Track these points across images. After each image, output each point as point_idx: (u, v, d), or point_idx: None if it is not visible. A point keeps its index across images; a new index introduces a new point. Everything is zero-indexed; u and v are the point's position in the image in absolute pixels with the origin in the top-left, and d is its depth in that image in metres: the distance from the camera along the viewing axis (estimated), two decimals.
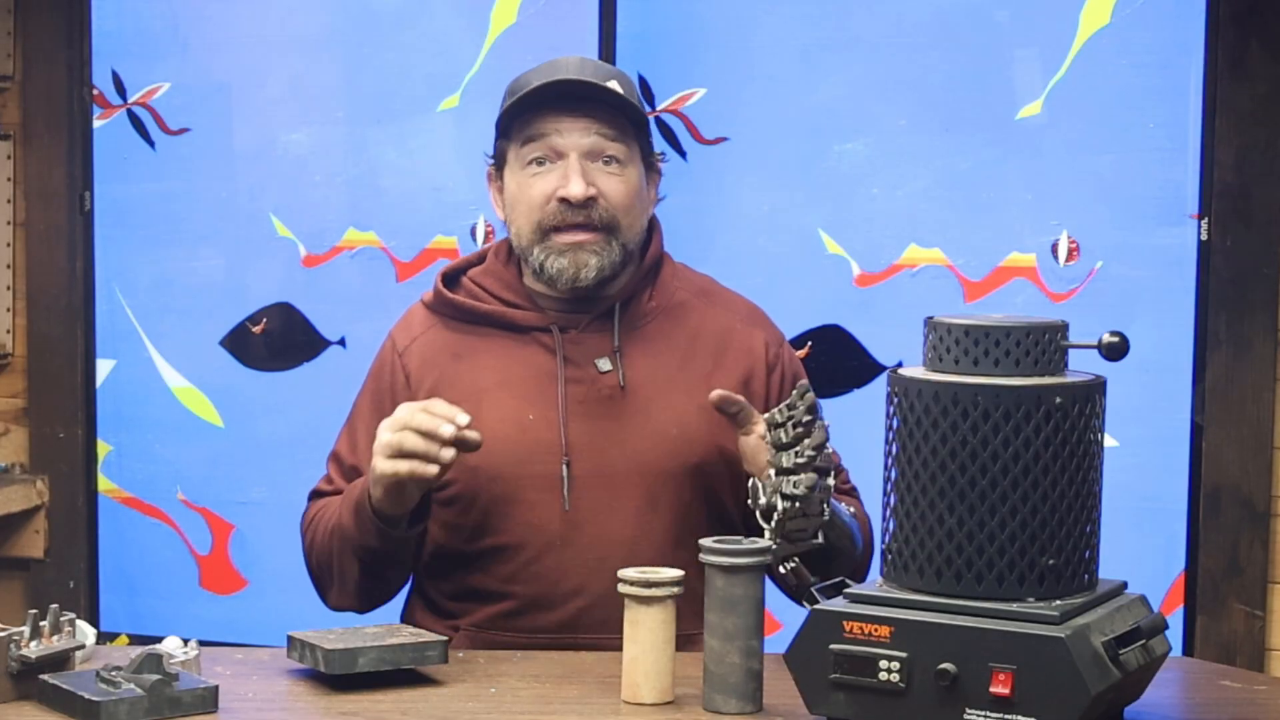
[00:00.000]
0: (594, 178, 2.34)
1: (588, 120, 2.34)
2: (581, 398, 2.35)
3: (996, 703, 1.75)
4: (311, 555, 2.39)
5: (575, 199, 2.32)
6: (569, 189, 2.32)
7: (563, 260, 2.33)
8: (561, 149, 2.34)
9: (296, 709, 1.97)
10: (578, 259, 2.33)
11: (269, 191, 3.88)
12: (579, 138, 2.34)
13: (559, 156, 2.34)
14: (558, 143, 2.34)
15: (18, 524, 4.01)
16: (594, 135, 2.34)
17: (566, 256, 2.33)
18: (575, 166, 2.33)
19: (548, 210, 2.34)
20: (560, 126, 2.34)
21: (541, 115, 2.35)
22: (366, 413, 2.43)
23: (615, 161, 2.35)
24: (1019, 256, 3.49)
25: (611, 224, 2.34)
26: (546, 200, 2.34)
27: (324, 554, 2.35)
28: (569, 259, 2.33)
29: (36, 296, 4.02)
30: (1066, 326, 1.86)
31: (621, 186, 2.35)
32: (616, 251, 2.35)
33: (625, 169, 2.36)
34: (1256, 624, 3.46)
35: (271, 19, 3.86)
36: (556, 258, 2.34)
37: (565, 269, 2.33)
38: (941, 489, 1.81)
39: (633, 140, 2.38)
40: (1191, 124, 3.42)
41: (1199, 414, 3.46)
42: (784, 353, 2.46)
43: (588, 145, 2.34)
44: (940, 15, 3.51)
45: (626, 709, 1.96)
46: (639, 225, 2.39)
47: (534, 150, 2.35)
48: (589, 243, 2.33)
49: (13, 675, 1.94)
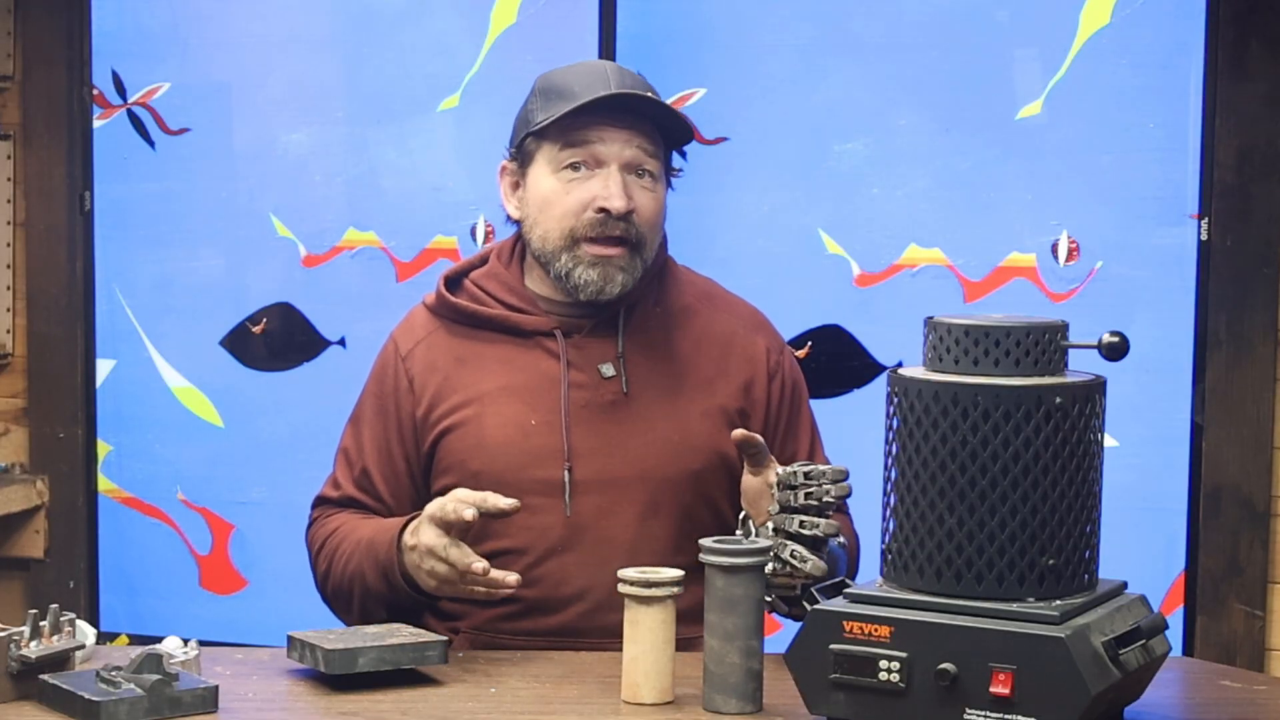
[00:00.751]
0: (631, 191, 2.32)
1: (630, 132, 2.32)
2: (584, 403, 2.34)
3: (996, 703, 1.75)
4: (327, 582, 2.38)
5: (618, 212, 2.30)
6: (612, 201, 2.30)
7: (592, 273, 2.32)
8: (603, 158, 2.32)
9: (296, 709, 1.97)
10: (606, 273, 2.32)
11: (269, 191, 3.88)
12: (621, 148, 2.32)
13: (598, 165, 2.32)
14: (600, 151, 2.32)
15: (18, 524, 4.01)
16: (635, 148, 2.32)
17: (596, 269, 2.31)
18: (617, 178, 2.31)
19: (584, 219, 2.31)
20: (605, 135, 2.32)
21: (586, 121, 2.32)
22: (372, 417, 2.43)
23: (649, 176, 2.35)
24: (1019, 256, 3.49)
25: (640, 240, 2.33)
26: (583, 208, 2.31)
27: (343, 592, 2.35)
28: (598, 272, 2.31)
29: (36, 296, 4.02)
30: (1066, 326, 1.86)
31: (653, 203, 2.35)
32: (639, 267, 2.34)
33: (656, 185, 2.36)
34: (1256, 624, 3.46)
35: (271, 19, 3.86)
36: (586, 269, 2.32)
37: (593, 281, 2.32)
38: (941, 489, 1.81)
39: (662, 156, 2.38)
40: (1191, 124, 3.42)
41: (1199, 414, 3.46)
42: (785, 359, 2.46)
43: (629, 157, 2.32)
44: (940, 15, 3.51)
45: (626, 709, 1.96)
46: (657, 242, 2.39)
47: (574, 155, 2.33)
48: (618, 258, 2.32)
49: (13, 675, 1.94)
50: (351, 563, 2.32)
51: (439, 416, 2.36)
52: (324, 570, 2.38)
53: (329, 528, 2.40)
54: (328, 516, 2.42)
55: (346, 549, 2.34)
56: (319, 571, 2.40)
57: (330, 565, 2.36)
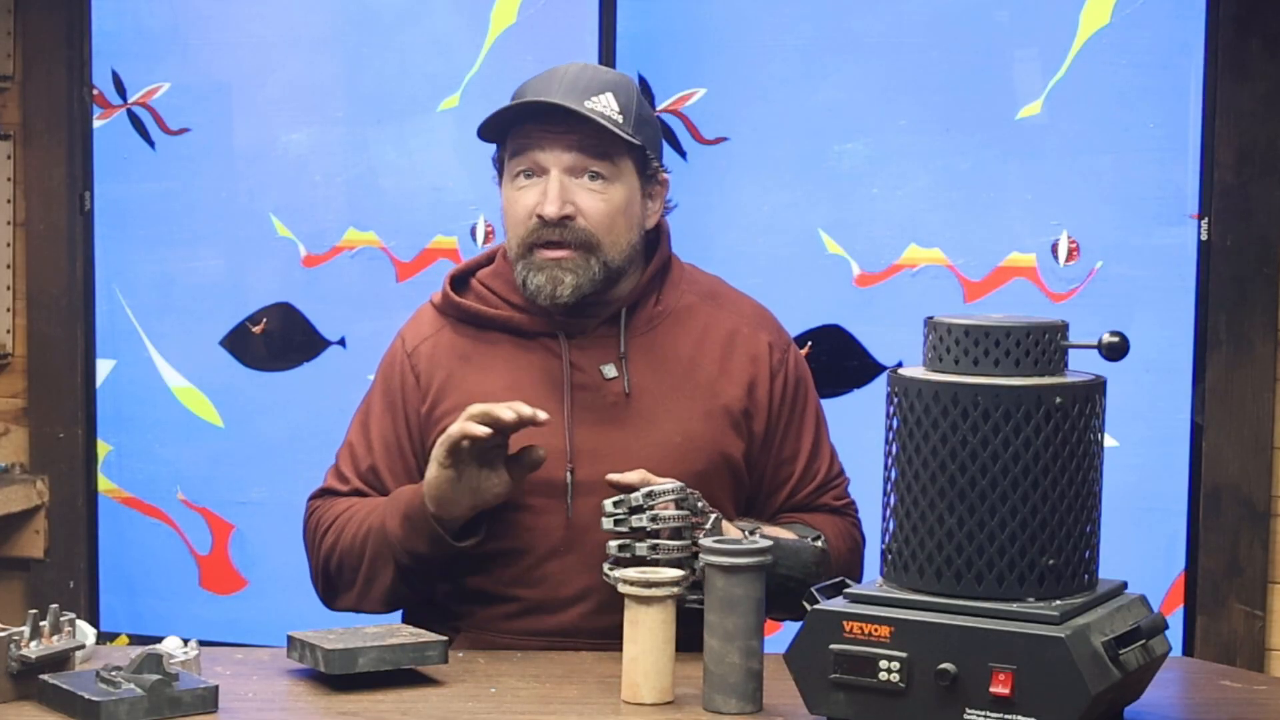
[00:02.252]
0: (574, 195, 2.32)
1: (570, 136, 2.32)
2: (587, 404, 2.34)
3: (996, 703, 1.75)
4: (332, 555, 2.36)
5: (549, 218, 2.31)
6: (544, 207, 2.31)
7: (540, 277, 2.33)
8: (544, 164, 2.33)
9: (296, 709, 1.97)
10: (554, 276, 2.32)
11: (269, 191, 3.88)
12: (560, 153, 2.32)
13: (542, 172, 2.33)
14: (540, 158, 2.33)
15: (18, 524, 4.01)
16: (574, 152, 2.32)
17: (544, 273, 2.32)
18: (555, 184, 2.32)
19: (528, 226, 2.33)
20: (544, 142, 2.33)
21: (526, 129, 2.34)
22: (380, 412, 2.43)
23: (600, 178, 2.34)
24: (1019, 256, 3.49)
25: (589, 242, 2.32)
26: (528, 216, 2.33)
27: (350, 556, 2.34)
28: (545, 275, 2.32)
29: (36, 296, 4.02)
30: (1066, 326, 1.86)
31: (602, 204, 2.33)
32: (596, 269, 2.33)
33: (610, 185, 2.34)
34: (1256, 624, 3.46)
35: (271, 19, 3.86)
36: (535, 274, 2.33)
37: (543, 286, 2.32)
38: (941, 489, 1.81)
39: (624, 155, 2.35)
40: (1191, 124, 3.42)
41: (1199, 414, 3.46)
42: (789, 357, 2.45)
43: (569, 162, 2.32)
44: (940, 15, 3.51)
45: (626, 709, 1.96)
46: (624, 242, 2.36)
47: (520, 164, 2.35)
48: (566, 260, 2.32)
49: (13, 675, 1.94)
50: (366, 523, 2.32)
51: (442, 414, 2.36)
52: (331, 542, 2.36)
53: (339, 508, 2.39)
54: (333, 501, 2.41)
55: (361, 513, 2.34)
56: (324, 544, 2.37)
57: (339, 537, 2.35)
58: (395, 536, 2.28)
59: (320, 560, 2.39)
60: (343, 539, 2.35)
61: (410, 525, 2.26)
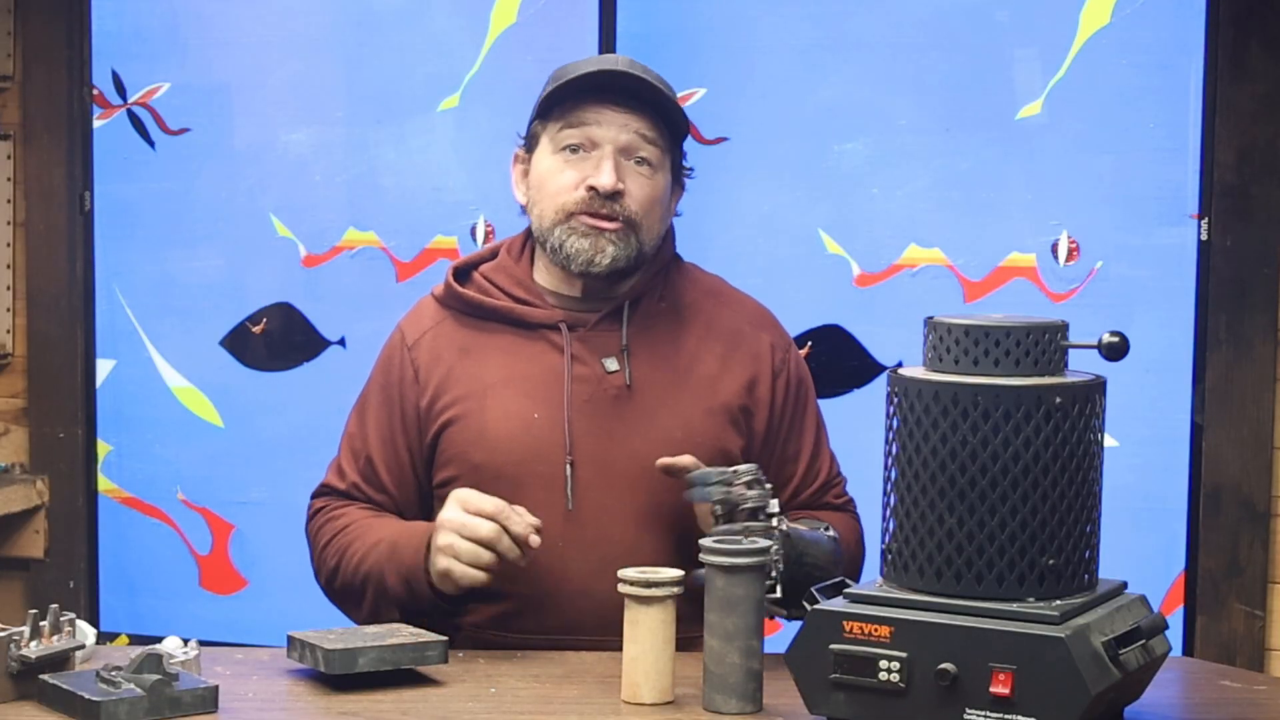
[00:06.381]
0: (623, 174, 2.34)
1: (628, 116, 2.34)
2: (587, 397, 2.35)
3: (996, 703, 1.75)
4: (335, 579, 2.37)
5: (604, 189, 2.32)
6: (599, 179, 2.32)
7: (584, 242, 2.33)
8: (598, 139, 2.34)
9: (296, 709, 1.97)
10: (598, 243, 2.33)
11: (269, 191, 3.88)
12: (617, 131, 2.34)
13: (594, 146, 2.34)
14: (595, 133, 2.34)
15: (18, 524, 4.01)
16: (632, 132, 2.34)
17: (589, 239, 2.33)
18: (609, 159, 2.33)
19: (574, 196, 2.34)
20: (601, 117, 2.34)
21: (584, 103, 2.35)
22: (377, 406, 2.44)
23: (647, 164, 2.36)
24: (1019, 256, 3.49)
25: (633, 221, 2.34)
26: (575, 186, 2.34)
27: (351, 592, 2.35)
28: (590, 241, 2.33)
29: (36, 296, 4.01)
30: (1066, 326, 1.86)
31: (648, 188, 2.35)
32: (634, 247, 2.35)
33: (655, 173, 2.37)
34: (1256, 624, 3.46)
35: (271, 19, 3.86)
36: (578, 239, 2.33)
37: (584, 250, 2.33)
38: (941, 489, 1.81)
39: (666, 149, 2.38)
40: (1191, 124, 3.42)
41: (1199, 414, 3.46)
42: (791, 357, 2.46)
43: (624, 141, 2.34)
44: (940, 15, 3.51)
45: (626, 709, 1.96)
46: (657, 230, 2.39)
47: (571, 137, 2.35)
48: (610, 231, 2.33)
49: (13, 675, 1.94)
50: (367, 562, 2.32)
51: (442, 408, 2.37)
52: (333, 566, 2.37)
53: (338, 524, 2.39)
54: (334, 509, 2.41)
55: (361, 548, 2.33)
56: (326, 567, 2.38)
57: (340, 562, 2.35)
58: (395, 594, 2.29)
59: (324, 577, 2.41)
60: (344, 570, 2.35)
61: (410, 591, 2.27)
